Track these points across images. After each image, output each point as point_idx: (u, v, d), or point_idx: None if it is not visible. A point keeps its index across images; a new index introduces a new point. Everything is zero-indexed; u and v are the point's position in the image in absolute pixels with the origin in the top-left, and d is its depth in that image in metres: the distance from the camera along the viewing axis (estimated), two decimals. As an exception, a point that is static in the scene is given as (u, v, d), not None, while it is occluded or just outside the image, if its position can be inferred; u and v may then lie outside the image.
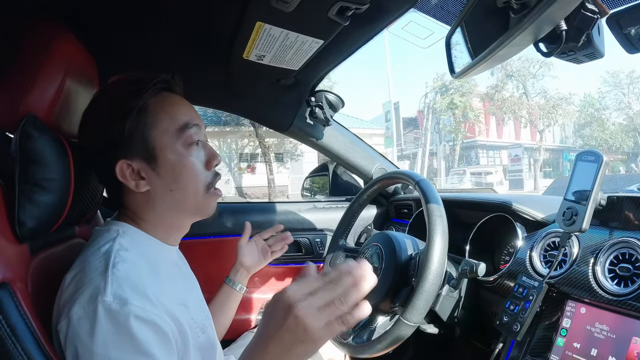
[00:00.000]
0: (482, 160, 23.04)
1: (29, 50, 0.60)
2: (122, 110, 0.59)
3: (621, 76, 21.90)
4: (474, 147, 23.01)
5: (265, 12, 0.68)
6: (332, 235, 1.08)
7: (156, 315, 0.51)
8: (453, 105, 20.52)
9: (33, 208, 0.57)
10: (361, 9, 0.66)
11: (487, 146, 23.10)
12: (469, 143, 22.87)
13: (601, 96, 23.48)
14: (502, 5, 0.57)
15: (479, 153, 23.04)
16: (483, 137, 22.92)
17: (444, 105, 20.66)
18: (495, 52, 0.58)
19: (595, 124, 23.20)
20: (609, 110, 23.63)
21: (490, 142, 22.97)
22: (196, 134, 0.63)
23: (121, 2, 0.75)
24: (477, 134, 22.57)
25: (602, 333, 0.64)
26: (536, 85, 20.70)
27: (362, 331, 0.86)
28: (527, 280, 0.74)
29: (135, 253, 0.57)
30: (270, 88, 1.09)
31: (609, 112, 23.69)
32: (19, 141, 0.56)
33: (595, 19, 0.58)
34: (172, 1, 0.75)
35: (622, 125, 23.36)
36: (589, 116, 23.60)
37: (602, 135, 22.75)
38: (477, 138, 22.58)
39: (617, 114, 23.50)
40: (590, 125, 23.60)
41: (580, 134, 24.58)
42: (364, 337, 0.84)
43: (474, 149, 23.05)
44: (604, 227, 0.74)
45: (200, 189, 0.64)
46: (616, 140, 22.57)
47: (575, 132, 25.09)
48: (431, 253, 0.71)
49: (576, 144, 24.80)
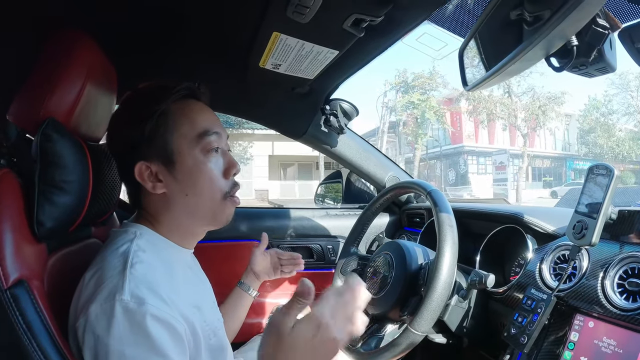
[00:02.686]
0: (472, 167, 21.99)
1: (51, 55, 0.64)
2: (145, 113, 0.63)
3: (629, 77, 20.71)
4: (460, 154, 21.94)
5: (282, 23, 0.71)
6: (344, 242, 1.11)
7: (171, 316, 0.54)
8: (411, 104, 19.44)
9: (52, 209, 0.60)
10: (376, 21, 0.69)
11: (477, 152, 21.97)
12: (456, 149, 21.85)
13: (607, 99, 22.25)
14: (515, 18, 0.60)
15: (467, 159, 21.98)
16: (472, 142, 21.84)
17: (401, 104, 19.63)
18: (507, 67, 0.61)
19: (600, 129, 21.94)
20: (616, 114, 22.33)
21: (480, 148, 21.84)
22: (216, 142, 0.66)
23: (142, 13, 0.79)
24: (465, 139, 21.58)
25: (609, 348, 0.66)
26: (522, 83, 19.38)
27: (371, 339, 0.89)
28: (536, 292, 0.76)
29: (152, 254, 0.61)
30: (286, 96, 1.14)
31: (617, 117, 22.40)
32: (40, 143, 0.59)
33: (607, 34, 0.61)
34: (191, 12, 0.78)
35: (632, 132, 22.10)
36: (594, 121, 22.38)
37: (608, 142, 21.62)
38: (465, 143, 21.56)
39: (626, 119, 22.23)
40: (595, 131, 22.36)
41: (585, 140, 23.38)
42: (372, 344, 0.87)
43: (461, 155, 22.00)
44: (614, 241, 0.76)
45: (217, 196, 0.66)
46: (623, 148, 21.43)
47: (579, 139, 23.89)
48: (440, 263, 0.74)
49: (580, 152, 23.69)
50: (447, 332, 0.86)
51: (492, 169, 21.39)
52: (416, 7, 0.69)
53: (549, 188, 20.94)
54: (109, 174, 0.74)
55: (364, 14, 0.67)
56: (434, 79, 19.67)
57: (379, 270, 0.91)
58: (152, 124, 0.63)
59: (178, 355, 0.54)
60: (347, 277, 0.58)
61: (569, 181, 22.04)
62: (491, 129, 21.82)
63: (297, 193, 17.25)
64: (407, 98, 19.61)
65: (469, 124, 21.77)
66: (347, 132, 1.31)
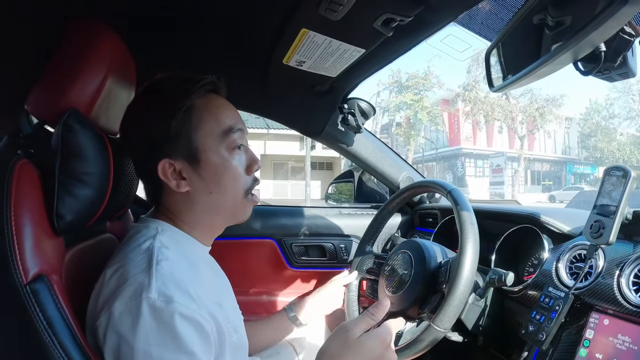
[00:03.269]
0: (469, 170, 21.88)
1: (72, 46, 0.63)
2: (169, 108, 0.62)
3: (631, 81, 20.26)
4: (458, 156, 21.82)
5: (312, 20, 0.71)
6: (360, 241, 1.12)
7: (199, 314, 0.54)
8: (404, 104, 19.23)
9: (72, 201, 0.58)
10: (405, 21, 0.70)
11: (475, 155, 21.90)
12: (454, 151, 21.70)
13: (609, 103, 22.31)
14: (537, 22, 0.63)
15: (464, 162, 21.85)
16: (470, 145, 21.68)
17: (394, 104, 19.40)
18: (535, 71, 0.63)
19: (601, 133, 22.01)
20: (618, 118, 22.38)
21: (478, 150, 21.71)
22: (240, 138, 0.66)
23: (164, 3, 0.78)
24: (462, 142, 21.41)
25: (624, 345, 0.67)
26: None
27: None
28: (554, 291, 0.79)
29: (176, 251, 0.60)
30: (305, 94, 1.14)
31: (618, 121, 22.48)
32: (61, 134, 0.58)
33: (632, 41, 0.63)
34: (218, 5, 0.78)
35: (634, 137, 22.12)
36: (594, 125, 22.41)
37: (608, 146, 21.73)
38: (462, 145, 21.41)
39: (628, 123, 22.34)
40: (595, 135, 22.42)
41: (585, 144, 23.45)
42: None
43: (458, 158, 21.87)
44: (629, 241, 0.78)
45: (240, 193, 0.67)
46: (624, 153, 21.53)
47: (580, 143, 23.92)
48: (463, 260, 0.75)
49: (581, 156, 23.79)
50: (462, 331, 0.88)
51: (489, 172, 21.40)
52: (446, 8, 0.71)
53: (548, 192, 20.89)
54: (128, 168, 0.74)
55: (395, 14, 0.68)
56: (429, 79, 19.52)
57: (396, 269, 0.92)
58: (177, 120, 0.62)
59: (205, 354, 0.54)
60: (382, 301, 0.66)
61: (568, 185, 21.98)
62: (489, 131, 21.69)
63: (290, 193, 17.15)
64: (400, 98, 19.43)
65: (467, 126, 21.67)
66: (364, 132, 1.32)
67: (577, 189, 16.35)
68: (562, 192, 18.41)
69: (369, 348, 0.59)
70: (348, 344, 0.58)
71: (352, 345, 0.58)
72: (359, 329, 0.60)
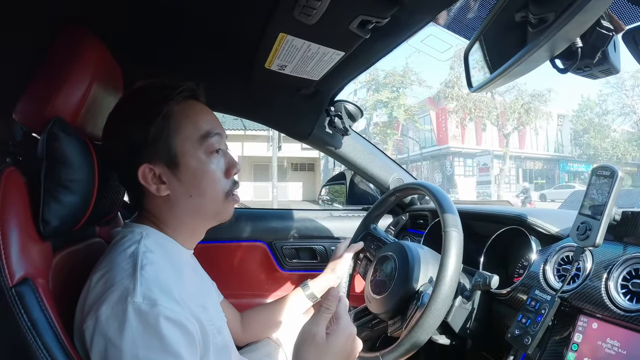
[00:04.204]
0: (459, 169, 21.42)
1: (57, 54, 0.65)
2: (148, 115, 0.63)
3: (625, 76, 20.19)
4: (446, 155, 21.38)
5: (288, 24, 0.72)
6: (364, 217, 1.13)
7: (183, 317, 0.55)
8: (380, 102, 18.77)
9: (58, 207, 0.60)
10: (382, 23, 0.70)
11: (463, 153, 21.41)
12: (442, 150, 21.26)
13: (602, 99, 21.68)
14: (520, 20, 0.62)
15: (453, 161, 21.39)
16: (458, 143, 21.14)
17: (370, 103, 18.88)
18: (512, 68, 0.62)
19: (594, 130, 21.44)
20: (612, 115, 21.72)
21: (467, 149, 21.22)
22: (217, 143, 0.68)
23: (148, 12, 0.80)
24: (450, 140, 20.89)
25: (613, 349, 0.66)
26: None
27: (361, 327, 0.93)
28: (540, 294, 0.77)
29: (160, 255, 0.61)
30: (291, 97, 1.15)
31: (612, 118, 21.83)
32: (46, 142, 0.60)
33: (611, 36, 0.62)
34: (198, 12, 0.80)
35: (630, 133, 21.45)
36: (587, 122, 21.87)
37: (602, 143, 21.14)
38: (450, 144, 20.92)
39: (622, 119, 21.68)
40: (588, 132, 21.85)
41: (578, 141, 22.86)
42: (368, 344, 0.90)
43: (447, 157, 21.42)
44: (618, 243, 0.77)
45: (219, 196, 0.68)
46: (618, 150, 20.92)
47: (573, 140, 23.33)
48: (429, 309, 0.75)
49: (574, 153, 23.22)
50: (450, 334, 0.87)
51: (476, 171, 20.89)
52: (422, 9, 0.71)
53: (540, 190, 20.26)
54: (114, 174, 0.75)
55: (370, 16, 0.69)
56: (407, 76, 19.11)
57: (381, 271, 0.92)
58: (156, 126, 0.63)
59: (190, 355, 0.55)
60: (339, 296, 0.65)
61: (562, 183, 21.44)
62: (478, 129, 21.16)
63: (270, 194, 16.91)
64: (376, 97, 19.12)
65: (453, 124, 21.07)
66: (352, 134, 1.32)
67: (569, 187, 15.83)
68: (552, 191, 17.80)
69: (341, 346, 0.61)
70: (321, 349, 0.59)
71: (325, 348, 0.59)
72: (322, 327, 0.61)
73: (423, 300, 0.82)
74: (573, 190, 12.37)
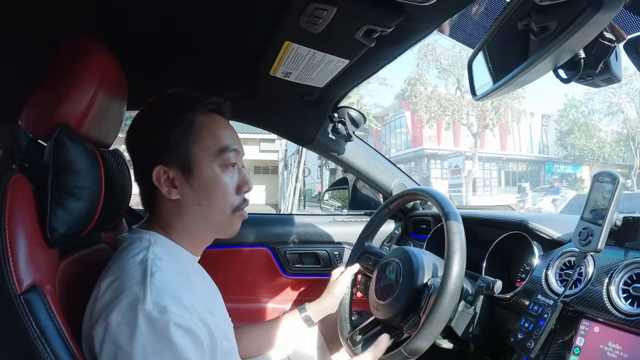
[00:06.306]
0: (435, 172, 20.75)
1: (63, 61, 0.65)
2: (172, 120, 0.66)
3: None
4: (421, 157, 20.80)
5: (294, 32, 0.73)
6: (358, 236, 1.14)
7: (193, 323, 0.57)
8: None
9: (64, 214, 0.61)
10: (387, 32, 0.72)
11: (439, 155, 20.73)
12: (417, 152, 20.64)
13: (587, 98, 21.04)
14: (522, 28, 0.63)
15: (429, 163, 20.78)
16: (434, 145, 20.43)
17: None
18: (515, 78, 0.64)
19: (578, 130, 20.75)
20: (598, 114, 21.10)
21: (443, 151, 20.49)
22: (234, 158, 0.70)
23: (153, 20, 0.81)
24: (425, 141, 20.15)
25: (614, 352, 0.68)
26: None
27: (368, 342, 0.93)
28: (543, 298, 0.79)
29: (169, 262, 0.63)
30: (295, 104, 1.17)
31: (598, 117, 21.22)
32: (53, 150, 0.61)
33: (613, 46, 0.64)
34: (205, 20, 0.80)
35: (620, 134, 20.94)
36: (572, 121, 21.24)
37: (588, 144, 20.55)
38: (425, 146, 20.23)
39: (609, 119, 21.04)
40: (572, 132, 21.18)
41: (563, 142, 22.14)
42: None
43: (422, 159, 20.85)
44: (619, 248, 0.78)
45: (227, 209, 0.70)
46: (604, 150, 20.46)
47: (558, 141, 22.58)
48: (443, 294, 0.77)
49: (560, 155, 22.60)
50: (453, 338, 0.88)
51: (448, 174, 20.23)
52: (427, 18, 0.72)
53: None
54: (120, 180, 0.76)
55: (376, 25, 0.70)
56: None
57: (385, 277, 0.93)
58: (178, 132, 0.66)
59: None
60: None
61: (547, 184, 19.75)
62: (455, 130, 20.36)
63: (264, 198, 16.58)
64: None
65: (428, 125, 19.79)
66: (355, 140, 1.34)
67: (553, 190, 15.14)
68: (532, 193, 17.00)
69: None
70: None
71: None
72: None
73: (435, 285, 0.84)
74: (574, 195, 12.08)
